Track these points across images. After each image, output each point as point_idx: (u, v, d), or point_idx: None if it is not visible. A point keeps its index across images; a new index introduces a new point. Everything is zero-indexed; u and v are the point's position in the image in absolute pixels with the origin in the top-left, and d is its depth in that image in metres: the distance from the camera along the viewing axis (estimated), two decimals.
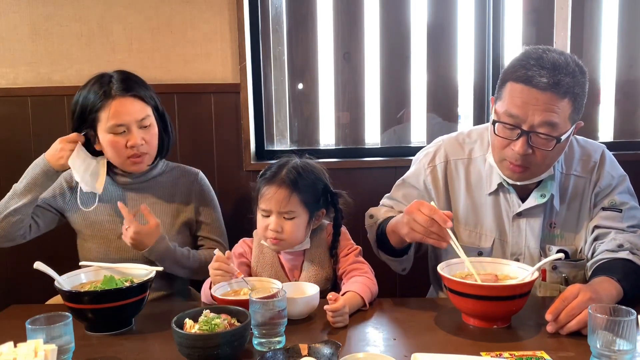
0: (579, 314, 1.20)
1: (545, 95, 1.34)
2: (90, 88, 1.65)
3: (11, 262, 2.31)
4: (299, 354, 1.10)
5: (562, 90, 1.34)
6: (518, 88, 1.37)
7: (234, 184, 2.29)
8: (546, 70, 1.35)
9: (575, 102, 1.38)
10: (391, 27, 2.38)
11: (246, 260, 1.57)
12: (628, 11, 2.33)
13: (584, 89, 1.40)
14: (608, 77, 2.38)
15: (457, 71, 2.40)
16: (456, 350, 1.16)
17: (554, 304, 1.23)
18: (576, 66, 1.38)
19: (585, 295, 1.22)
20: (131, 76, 1.69)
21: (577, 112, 1.41)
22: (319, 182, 1.55)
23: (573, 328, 1.20)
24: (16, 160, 2.30)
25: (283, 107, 2.47)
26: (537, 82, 1.34)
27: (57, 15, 2.26)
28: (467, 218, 1.59)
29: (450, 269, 1.37)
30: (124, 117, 1.61)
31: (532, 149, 1.38)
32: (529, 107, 1.35)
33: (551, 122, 1.35)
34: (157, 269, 1.42)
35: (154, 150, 1.72)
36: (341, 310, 1.29)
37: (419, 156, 1.71)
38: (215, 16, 2.26)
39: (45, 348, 1.02)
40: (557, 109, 1.35)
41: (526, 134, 1.37)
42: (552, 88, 1.34)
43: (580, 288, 1.24)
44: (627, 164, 2.31)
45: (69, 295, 1.30)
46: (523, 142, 1.37)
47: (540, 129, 1.36)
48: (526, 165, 1.42)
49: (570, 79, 1.35)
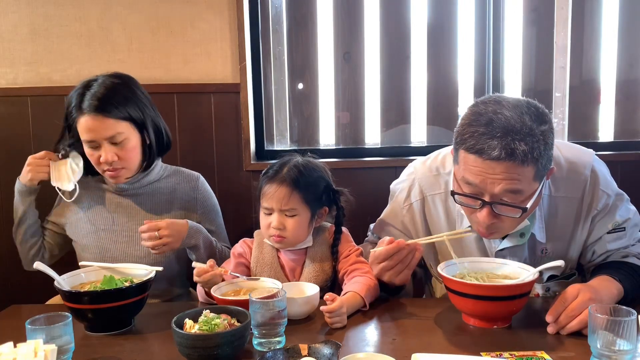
0: (580, 314, 1.20)
1: (502, 164, 1.22)
2: (75, 93, 1.63)
3: (11, 262, 2.31)
4: (299, 354, 1.10)
5: (519, 159, 1.21)
6: (471, 158, 1.26)
7: (234, 184, 2.29)
8: (497, 139, 1.21)
9: (538, 163, 1.24)
10: (391, 27, 2.38)
11: (245, 261, 1.57)
12: (628, 11, 2.33)
13: (546, 141, 1.25)
14: (608, 77, 2.38)
15: (457, 71, 2.40)
16: (456, 350, 1.16)
17: (554, 305, 1.23)
18: (532, 121, 1.24)
19: (585, 296, 1.21)
20: (115, 87, 1.61)
21: (544, 168, 1.28)
22: (321, 180, 1.55)
23: (574, 328, 1.20)
24: (16, 160, 2.30)
25: (283, 107, 2.47)
26: (489, 154, 1.22)
27: (57, 15, 2.26)
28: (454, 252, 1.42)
29: (451, 269, 1.37)
30: (91, 134, 1.59)
31: (499, 217, 1.29)
32: (487, 178, 1.24)
33: (513, 189, 1.24)
34: (157, 269, 1.42)
35: (133, 164, 1.67)
36: (338, 310, 1.28)
37: (394, 191, 1.64)
38: (215, 16, 2.26)
39: (45, 348, 1.01)
40: (518, 175, 1.23)
41: (489, 204, 1.27)
42: (507, 158, 1.21)
43: (580, 288, 1.24)
44: (627, 164, 2.31)
45: (69, 295, 1.29)
46: (487, 213, 1.28)
47: (504, 197, 1.26)
48: (495, 230, 1.35)
49: (526, 145, 1.21)
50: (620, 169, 2.29)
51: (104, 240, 1.72)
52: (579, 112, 2.40)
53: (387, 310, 1.41)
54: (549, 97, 2.40)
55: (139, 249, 1.68)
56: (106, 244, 1.71)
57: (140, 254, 1.69)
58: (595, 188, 1.43)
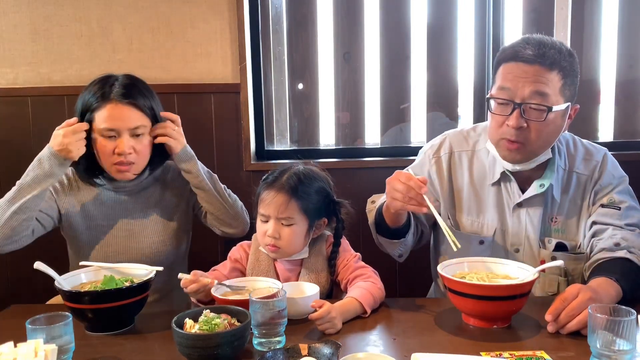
0: (579, 314, 1.20)
1: (533, 67, 1.41)
2: (94, 86, 1.63)
3: (11, 262, 2.32)
4: (299, 354, 1.10)
5: (548, 62, 1.41)
6: (508, 66, 1.45)
7: (234, 184, 2.28)
8: (531, 44, 1.43)
9: (565, 77, 1.43)
10: (391, 27, 2.38)
11: (240, 267, 1.55)
12: (628, 11, 2.33)
13: (573, 67, 1.46)
14: (608, 77, 2.38)
15: (457, 71, 2.40)
16: (456, 350, 1.16)
17: (554, 304, 1.23)
18: (563, 46, 1.45)
19: (585, 296, 1.22)
20: (137, 83, 1.66)
21: (569, 89, 1.46)
22: (321, 190, 1.51)
23: (573, 328, 1.20)
24: (16, 160, 2.31)
25: (283, 107, 2.47)
26: (522, 56, 1.42)
27: (57, 15, 2.26)
28: (470, 208, 1.61)
29: (450, 269, 1.37)
30: (116, 122, 1.58)
31: (527, 122, 1.43)
32: (519, 80, 1.42)
33: (541, 92, 1.41)
34: (157, 269, 1.42)
35: (143, 161, 1.67)
36: (326, 317, 1.25)
37: (424, 148, 1.73)
38: (215, 16, 2.26)
39: (45, 348, 1.02)
40: (546, 79, 1.41)
41: (518, 106, 1.42)
42: (538, 59, 1.41)
43: (580, 288, 1.24)
44: (627, 164, 2.31)
45: (69, 295, 1.29)
46: (517, 115, 1.42)
47: (532, 100, 1.41)
48: (522, 141, 1.45)
49: (556, 53, 1.42)
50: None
51: (104, 235, 1.71)
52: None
53: (387, 310, 1.41)
54: None
55: (140, 240, 1.70)
56: (107, 238, 1.71)
57: (142, 245, 1.70)
58: (604, 168, 1.56)
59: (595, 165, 1.57)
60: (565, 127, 1.51)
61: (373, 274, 1.48)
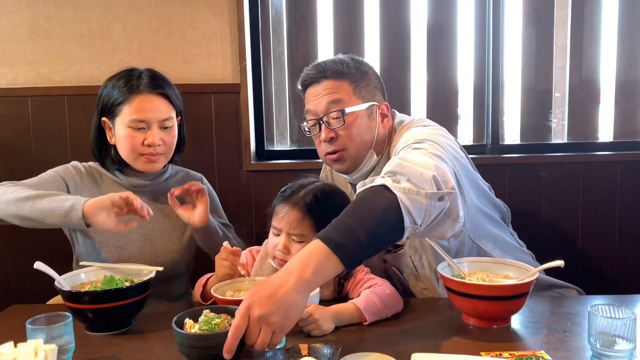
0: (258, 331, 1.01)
1: (321, 84, 1.57)
2: (118, 80, 1.62)
3: (11, 262, 2.32)
4: (299, 354, 1.10)
5: (330, 73, 1.56)
6: (306, 94, 1.62)
7: (234, 184, 2.29)
8: (313, 67, 1.61)
9: (354, 81, 1.57)
10: (391, 27, 2.38)
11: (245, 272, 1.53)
12: (628, 11, 2.33)
13: (361, 70, 1.60)
14: (608, 77, 2.38)
15: (457, 71, 2.40)
16: (456, 350, 1.16)
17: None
18: (345, 57, 1.61)
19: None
20: (161, 75, 1.68)
21: (365, 89, 1.58)
22: (338, 208, 1.34)
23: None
24: (16, 160, 2.31)
25: (283, 107, 2.47)
26: (309, 79, 1.59)
27: (57, 15, 2.26)
28: None
29: (451, 268, 1.37)
30: (146, 114, 1.58)
31: (334, 132, 1.55)
32: (315, 99, 1.58)
33: (334, 100, 1.55)
34: (157, 269, 1.42)
35: (170, 153, 1.68)
36: (307, 319, 1.23)
37: None
38: (215, 16, 2.26)
39: (45, 348, 1.01)
40: (335, 89, 1.55)
41: (321, 120, 1.57)
42: (321, 75, 1.57)
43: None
44: (627, 164, 2.32)
45: (69, 295, 1.29)
46: (324, 129, 1.57)
47: (329, 110, 1.55)
48: (341, 148, 1.56)
49: (337, 64, 1.57)
50: (620, 169, 2.29)
51: (120, 236, 1.66)
52: (579, 112, 2.41)
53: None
54: (549, 97, 2.40)
55: (156, 247, 1.68)
56: (122, 242, 1.66)
57: (157, 252, 1.68)
58: (397, 140, 1.53)
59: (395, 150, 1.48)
60: (379, 125, 1.60)
61: (381, 282, 1.40)
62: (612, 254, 2.34)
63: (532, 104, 2.42)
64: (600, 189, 2.31)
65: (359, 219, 1.10)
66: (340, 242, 1.05)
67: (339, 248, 1.05)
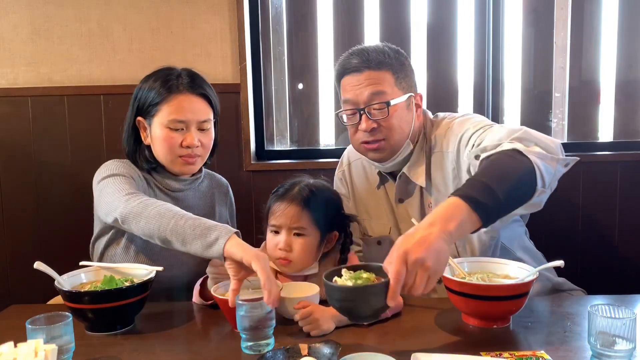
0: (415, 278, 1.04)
1: (363, 74, 1.54)
2: (155, 81, 1.59)
3: (11, 262, 2.32)
4: (299, 354, 1.10)
5: (374, 64, 1.53)
6: (344, 81, 1.59)
7: (234, 184, 2.28)
8: (355, 55, 1.57)
9: (395, 72, 1.56)
10: (391, 27, 2.38)
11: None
12: (628, 11, 2.33)
13: (400, 62, 1.58)
14: (608, 77, 2.38)
15: (457, 71, 2.40)
16: (456, 350, 1.16)
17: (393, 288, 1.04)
18: (386, 47, 1.59)
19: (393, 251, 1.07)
20: (201, 75, 1.65)
21: (405, 81, 1.57)
22: (332, 202, 1.52)
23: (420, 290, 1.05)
24: (16, 160, 2.31)
25: (283, 107, 2.47)
26: (350, 67, 1.56)
27: (57, 15, 2.26)
28: (371, 212, 1.73)
29: (450, 268, 1.37)
30: (186, 114, 1.56)
31: (376, 122, 1.54)
32: (356, 89, 1.55)
33: (377, 91, 1.53)
34: (157, 269, 1.41)
35: (207, 155, 1.65)
36: (307, 318, 1.24)
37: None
38: (215, 16, 2.26)
39: (45, 348, 1.02)
40: (378, 80, 1.53)
41: (363, 110, 1.54)
42: (364, 65, 1.54)
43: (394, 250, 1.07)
44: (627, 164, 2.31)
45: (69, 295, 1.30)
46: (365, 119, 1.54)
47: (372, 101, 1.53)
48: (380, 138, 1.56)
49: (379, 54, 1.55)
50: (620, 169, 2.29)
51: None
52: (579, 113, 2.41)
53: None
54: (549, 97, 2.40)
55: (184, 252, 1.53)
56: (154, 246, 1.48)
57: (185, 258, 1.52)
58: (449, 138, 1.57)
59: (446, 140, 1.57)
60: (416, 115, 1.61)
61: None
62: (612, 254, 2.34)
63: (532, 104, 2.42)
64: (600, 189, 2.30)
65: (497, 180, 1.14)
66: (481, 201, 1.09)
67: (479, 206, 1.09)
